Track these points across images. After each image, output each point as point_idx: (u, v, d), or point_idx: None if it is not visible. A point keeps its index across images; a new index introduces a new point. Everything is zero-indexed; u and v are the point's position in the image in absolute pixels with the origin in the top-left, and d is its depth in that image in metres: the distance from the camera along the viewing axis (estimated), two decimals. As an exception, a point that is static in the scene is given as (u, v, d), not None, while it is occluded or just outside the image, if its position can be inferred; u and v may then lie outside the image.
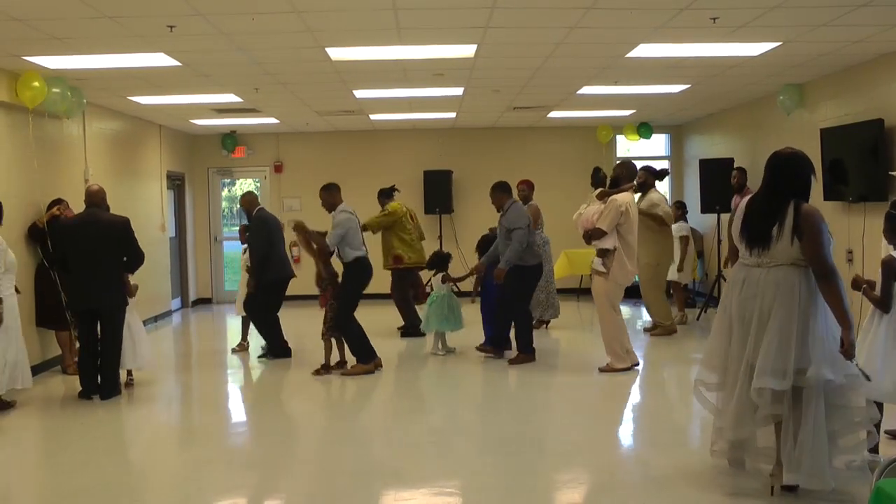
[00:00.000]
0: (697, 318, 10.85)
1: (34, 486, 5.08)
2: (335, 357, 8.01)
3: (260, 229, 8.70)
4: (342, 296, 7.86)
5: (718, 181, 10.62)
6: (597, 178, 8.82)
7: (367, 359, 7.90)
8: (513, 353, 8.44)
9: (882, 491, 3.00)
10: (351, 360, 8.03)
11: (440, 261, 9.04)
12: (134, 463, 5.75)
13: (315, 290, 8.15)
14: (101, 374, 7.16)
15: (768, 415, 4.34)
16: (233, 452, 5.83)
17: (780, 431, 4.37)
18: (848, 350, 4.15)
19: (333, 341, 7.95)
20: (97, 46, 6.84)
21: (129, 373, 7.68)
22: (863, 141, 7.87)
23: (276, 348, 8.78)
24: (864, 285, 5.00)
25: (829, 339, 4.24)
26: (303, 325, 9.67)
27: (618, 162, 7.98)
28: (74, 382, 7.66)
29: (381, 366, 8.07)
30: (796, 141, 9.46)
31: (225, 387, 8.03)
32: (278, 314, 8.89)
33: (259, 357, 8.85)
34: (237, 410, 7.20)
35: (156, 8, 5.72)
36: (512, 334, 8.47)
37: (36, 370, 8.05)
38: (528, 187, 9.80)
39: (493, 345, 8.55)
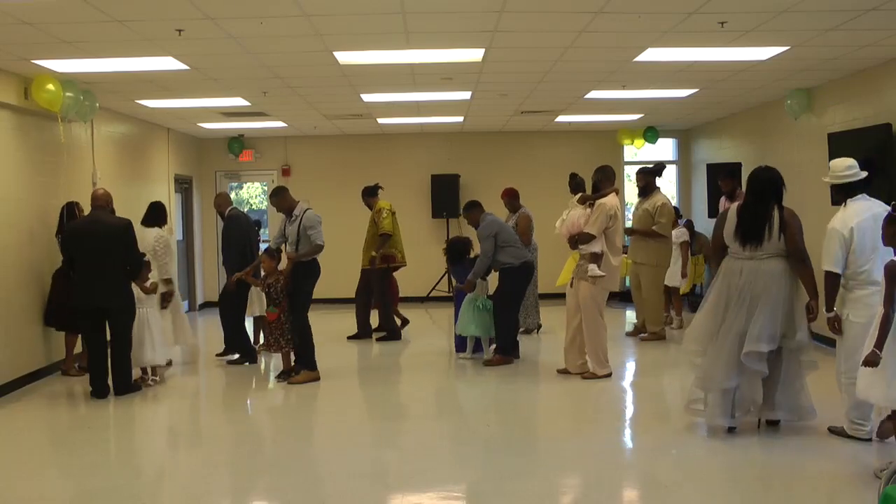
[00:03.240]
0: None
1: (39, 487, 5.09)
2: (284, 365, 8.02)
3: (235, 228, 8.72)
4: (298, 297, 7.76)
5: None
6: (574, 184, 8.86)
7: (314, 366, 7.83)
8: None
9: (890, 497, 3.00)
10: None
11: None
12: (141, 465, 5.76)
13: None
14: (113, 373, 7.27)
15: (755, 371, 5.48)
16: (241, 455, 5.84)
17: (768, 382, 5.62)
18: (814, 315, 5.46)
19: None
20: (106, 50, 6.87)
21: (154, 370, 7.81)
22: (871, 146, 7.84)
23: (247, 352, 8.79)
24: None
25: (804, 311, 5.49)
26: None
27: (596, 167, 7.92)
28: (74, 385, 7.75)
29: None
30: (804, 146, 9.50)
31: (233, 389, 8.03)
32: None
33: (230, 362, 8.82)
34: (245, 413, 7.20)
35: (164, 12, 5.74)
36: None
37: (41, 373, 8.14)
38: (508, 196, 9.90)
39: (503, 353, 8.53)
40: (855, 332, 5.21)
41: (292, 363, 7.91)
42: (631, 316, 11.65)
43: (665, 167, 10.06)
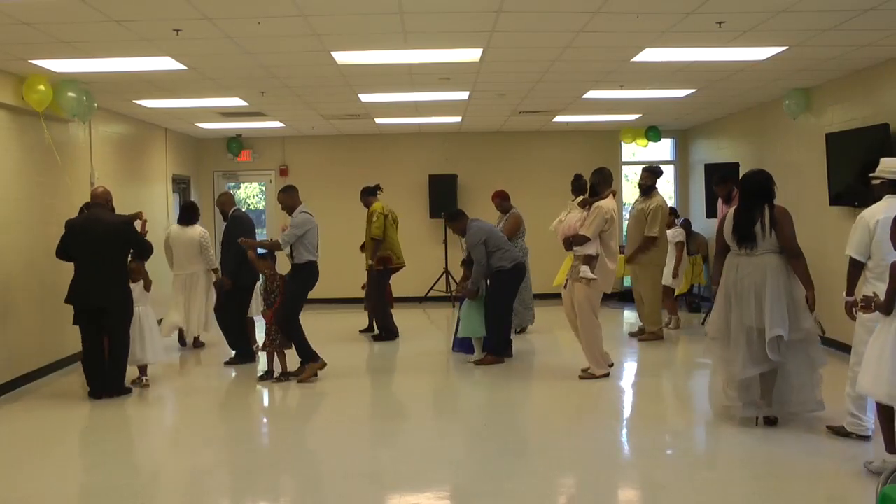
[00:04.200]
0: (703, 323, 10.81)
1: (38, 487, 5.08)
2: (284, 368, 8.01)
3: (236, 229, 8.72)
4: (288, 297, 7.80)
5: (724, 185, 10.61)
6: (578, 185, 8.86)
7: (314, 357, 7.86)
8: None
9: (888, 497, 3.00)
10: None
11: None
12: (140, 465, 5.76)
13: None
14: (108, 373, 7.25)
15: (771, 360, 5.69)
16: (240, 454, 5.83)
17: (775, 375, 5.84)
18: (811, 305, 5.68)
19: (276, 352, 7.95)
20: (104, 50, 6.86)
21: (143, 371, 7.77)
22: (868, 146, 7.85)
23: (245, 352, 8.80)
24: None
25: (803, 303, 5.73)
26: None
27: (594, 169, 7.92)
28: (72, 385, 7.73)
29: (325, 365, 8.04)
30: (802, 146, 9.50)
31: (231, 389, 8.03)
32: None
33: (225, 363, 8.81)
34: (244, 413, 7.20)
35: (162, 12, 5.73)
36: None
37: (39, 373, 8.13)
38: (499, 198, 9.95)
39: (494, 353, 8.54)
40: (862, 323, 5.25)
41: (282, 366, 7.93)
42: (629, 315, 11.68)
43: (662, 172, 10.10)
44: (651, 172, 9.85)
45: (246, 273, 8.46)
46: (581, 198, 8.01)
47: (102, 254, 7.17)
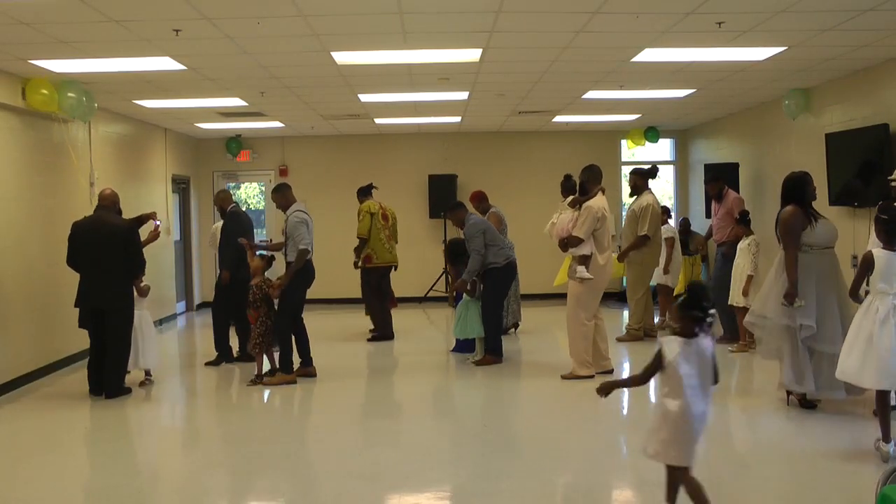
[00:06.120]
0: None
1: (37, 488, 5.08)
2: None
3: (234, 225, 8.73)
4: (284, 299, 7.74)
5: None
6: (567, 186, 8.80)
7: (290, 369, 7.78)
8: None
9: (887, 497, 3.00)
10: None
11: None
12: (139, 465, 5.76)
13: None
14: (105, 374, 7.24)
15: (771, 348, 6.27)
16: (238, 455, 5.83)
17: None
18: (788, 299, 5.92)
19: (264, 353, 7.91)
20: (103, 50, 6.86)
21: (148, 372, 7.80)
22: (868, 146, 7.85)
23: (224, 351, 8.84)
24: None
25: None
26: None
27: (584, 167, 7.91)
28: (71, 385, 7.72)
29: (315, 374, 7.99)
30: (801, 146, 9.51)
31: (230, 389, 8.03)
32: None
33: (208, 363, 8.80)
34: (242, 413, 7.20)
35: (162, 12, 5.73)
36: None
37: (54, 367, 8.15)
38: (476, 199, 9.98)
39: (492, 352, 8.54)
40: None
41: (265, 368, 7.91)
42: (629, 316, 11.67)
43: (658, 170, 10.06)
44: (638, 174, 9.84)
45: (245, 268, 8.47)
46: (571, 198, 8.02)
47: (103, 256, 7.16)
